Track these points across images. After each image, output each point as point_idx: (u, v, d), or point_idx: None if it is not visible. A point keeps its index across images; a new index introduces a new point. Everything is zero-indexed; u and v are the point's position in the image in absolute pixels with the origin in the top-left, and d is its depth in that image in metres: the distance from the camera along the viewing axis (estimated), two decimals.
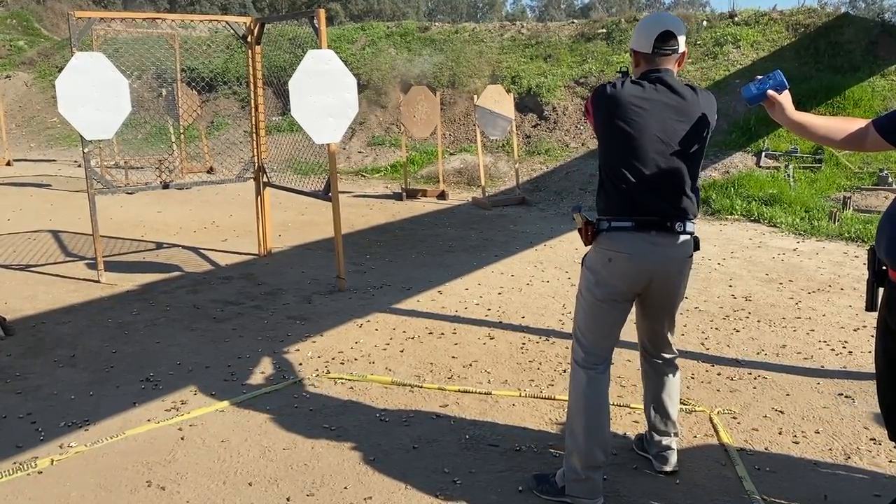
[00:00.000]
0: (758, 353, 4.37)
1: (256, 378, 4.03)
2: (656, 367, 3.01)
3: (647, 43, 2.66)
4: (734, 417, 3.52)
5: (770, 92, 2.55)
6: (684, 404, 3.63)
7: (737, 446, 3.23)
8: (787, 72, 10.33)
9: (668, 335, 2.95)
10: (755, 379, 3.98)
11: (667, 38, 2.64)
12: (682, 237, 2.70)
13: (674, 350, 3.00)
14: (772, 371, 4.09)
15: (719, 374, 4.05)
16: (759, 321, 4.95)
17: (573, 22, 15.09)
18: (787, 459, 3.13)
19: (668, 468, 2.98)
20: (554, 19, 23.61)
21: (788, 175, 9.13)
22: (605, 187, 2.71)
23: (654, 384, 3.01)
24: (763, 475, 2.99)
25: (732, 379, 3.99)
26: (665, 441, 3.00)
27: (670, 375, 3.00)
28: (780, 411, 3.58)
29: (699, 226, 8.05)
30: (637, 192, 2.61)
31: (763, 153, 9.66)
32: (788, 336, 4.67)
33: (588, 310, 2.77)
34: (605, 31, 13.43)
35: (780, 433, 3.36)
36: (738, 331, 4.77)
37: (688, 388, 3.86)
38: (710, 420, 3.48)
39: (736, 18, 12.50)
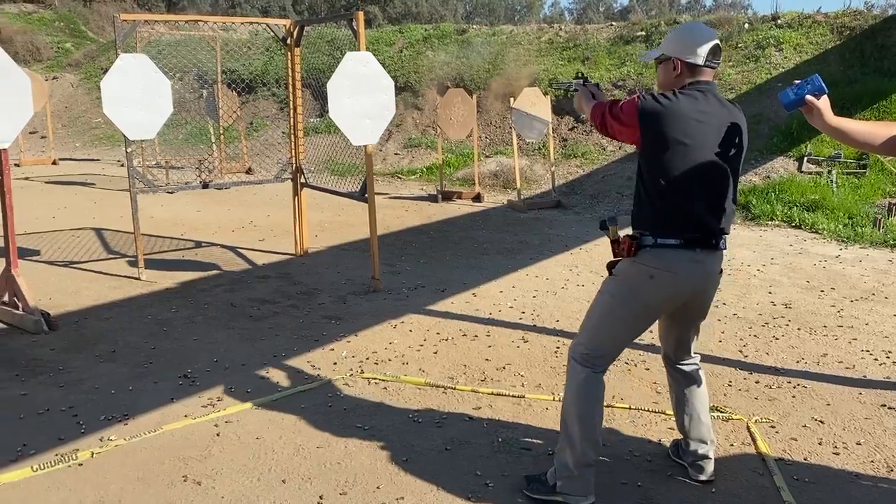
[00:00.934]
0: (798, 362, 4.28)
1: (291, 376, 4.07)
2: (684, 374, 2.98)
3: (699, 54, 2.61)
4: (772, 426, 3.45)
5: (809, 97, 2.49)
6: (721, 412, 3.58)
7: (775, 456, 3.17)
8: (832, 75, 10.12)
9: (694, 343, 2.95)
10: (795, 388, 3.90)
11: (717, 51, 2.64)
12: (721, 252, 2.71)
13: (697, 355, 3.00)
14: (812, 380, 4.00)
15: (757, 383, 3.98)
16: (799, 329, 4.86)
17: (612, 24, 14.98)
18: (827, 471, 3.07)
19: (703, 477, 2.94)
20: (592, 22, 23.45)
21: (831, 180, 8.94)
22: (650, 201, 2.62)
23: (684, 392, 2.97)
24: (802, 486, 2.93)
25: (771, 387, 3.91)
26: (701, 450, 2.96)
27: (698, 381, 2.98)
28: (821, 421, 3.51)
29: (738, 231, 7.97)
30: (691, 208, 2.58)
31: (805, 158, 9.48)
32: (830, 345, 4.57)
33: (614, 319, 2.71)
34: (643, 33, 13.31)
35: (819, 444, 3.29)
36: (777, 338, 4.68)
37: (725, 395, 3.80)
38: (748, 428, 3.42)
39: (779, 21, 12.29)
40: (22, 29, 22.03)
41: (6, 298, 5.00)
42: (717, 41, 2.65)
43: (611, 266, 2.76)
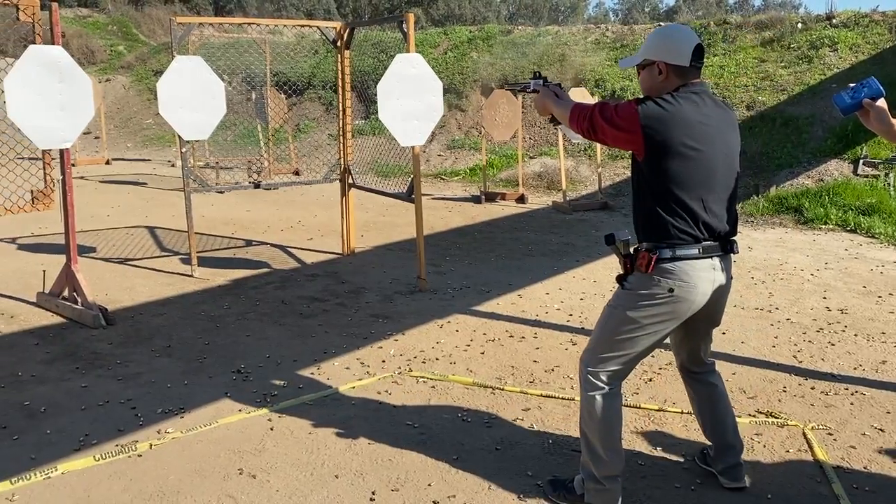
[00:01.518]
0: (855, 368, 4.18)
1: (341, 373, 4.12)
2: (702, 380, 2.92)
3: (685, 55, 2.55)
4: (830, 434, 3.38)
5: (866, 101, 2.42)
6: (775, 417, 3.52)
7: (833, 463, 3.10)
8: (889, 76, 9.86)
9: (707, 350, 2.90)
10: (852, 395, 3.81)
11: (701, 52, 2.59)
12: (733, 257, 2.67)
13: (712, 361, 2.95)
14: (871, 387, 3.90)
15: (813, 389, 3.90)
16: (856, 335, 4.74)
17: (658, 24, 14.80)
18: (888, 480, 2.99)
19: (737, 484, 2.88)
20: (638, 22, 23.20)
21: (888, 184, 8.70)
22: (661, 211, 2.52)
23: (705, 398, 2.92)
24: (862, 495, 2.87)
25: (827, 394, 3.83)
26: (730, 456, 2.90)
27: (718, 384, 2.92)
28: (881, 429, 3.42)
29: (791, 235, 7.82)
30: (706, 214, 2.52)
31: (861, 161, 9.24)
32: (889, 352, 4.45)
33: (630, 337, 2.61)
34: None
35: (880, 452, 3.21)
36: (833, 344, 4.58)
37: (779, 401, 3.73)
38: (804, 435, 3.35)
39: (834, 20, 12.01)
40: (77, 32, 22.66)
41: (66, 294, 5.15)
42: (700, 42, 2.59)
43: (622, 278, 2.66)
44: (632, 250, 2.62)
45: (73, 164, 12.91)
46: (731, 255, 2.64)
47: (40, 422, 3.50)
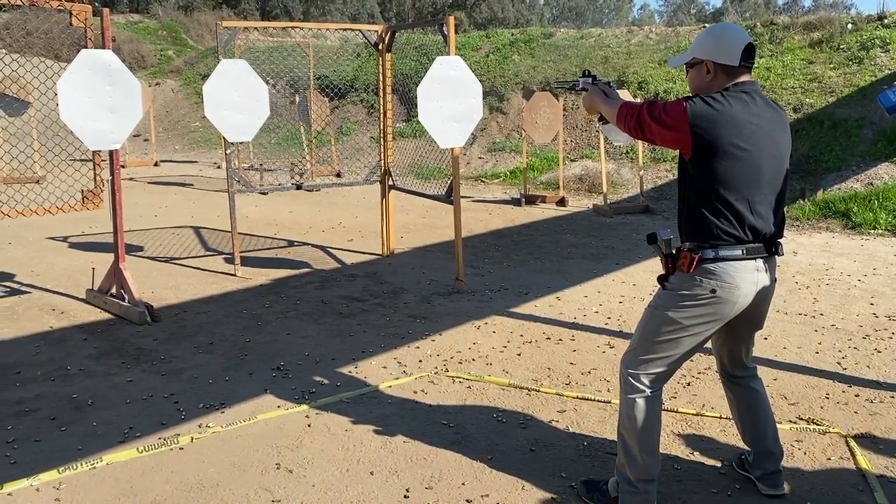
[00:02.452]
0: None
1: (379, 372, 4.16)
2: (743, 385, 2.87)
3: (734, 55, 2.51)
4: (874, 442, 3.30)
5: None
6: (818, 424, 3.45)
7: (876, 472, 3.03)
8: None
9: (750, 354, 2.85)
10: None
11: (751, 51, 2.53)
12: (778, 259, 2.62)
13: (754, 365, 2.90)
14: None
15: (857, 396, 3.81)
16: None
17: (704, 26, 14.60)
18: None
19: (775, 491, 2.83)
20: (683, 24, 22.91)
21: None
22: (707, 211, 2.49)
23: (745, 403, 2.87)
24: None
25: (872, 401, 3.74)
26: (769, 463, 2.85)
27: (759, 389, 2.87)
28: None
29: (838, 239, 7.64)
30: (752, 215, 2.48)
31: None
32: None
33: (672, 338, 2.58)
34: None
35: None
36: (879, 351, 4.47)
37: (822, 408, 3.66)
38: (847, 443, 3.28)
39: (885, 20, 11.70)
40: (128, 38, 23.29)
41: (114, 290, 5.30)
42: (751, 41, 2.54)
43: (663, 278, 2.63)
44: (674, 250, 2.58)
45: (122, 166, 13.30)
46: (776, 256, 2.60)
47: (87, 414, 3.62)
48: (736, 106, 2.46)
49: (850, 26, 11.91)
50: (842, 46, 11.54)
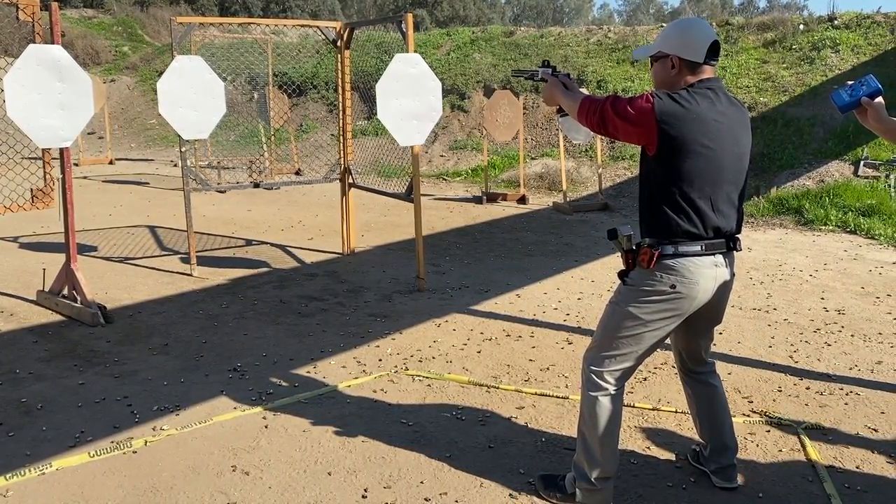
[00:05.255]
0: (850, 369, 4.18)
1: (338, 371, 4.13)
2: (702, 380, 2.91)
3: (699, 51, 2.52)
4: (824, 433, 3.38)
5: (865, 99, 2.42)
6: (770, 417, 3.52)
7: (825, 463, 3.10)
8: (890, 76, 9.82)
9: (708, 349, 2.89)
10: (847, 395, 3.81)
11: (717, 48, 2.55)
12: (736, 254, 2.66)
13: (712, 361, 2.94)
14: (866, 388, 3.90)
15: (808, 389, 3.90)
16: (852, 335, 4.74)
17: (662, 26, 14.79)
18: (881, 480, 2.99)
19: (730, 485, 2.88)
20: (642, 23, 23.19)
21: (889, 185, 8.68)
22: (667, 207, 2.50)
23: (704, 399, 2.92)
24: (854, 494, 2.87)
25: (822, 394, 3.83)
26: (724, 457, 2.90)
27: (717, 385, 2.92)
28: (874, 429, 3.42)
29: (791, 235, 7.81)
30: (713, 212, 2.50)
31: (862, 162, 9.22)
32: (885, 352, 4.45)
33: (632, 334, 2.60)
34: None
35: (873, 452, 3.21)
36: (829, 345, 4.58)
37: (774, 401, 3.74)
38: (798, 435, 3.36)
39: (836, 21, 11.99)
40: (82, 33, 22.75)
41: (66, 291, 5.18)
42: (717, 38, 2.55)
43: (623, 274, 2.63)
44: (634, 246, 2.60)
45: (76, 164, 13.02)
46: (735, 252, 2.64)
47: (36, 419, 3.52)
48: (702, 104, 2.47)
49: (801, 27, 12.18)
50: (794, 47, 11.80)
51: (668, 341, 2.83)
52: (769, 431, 3.39)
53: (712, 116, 2.47)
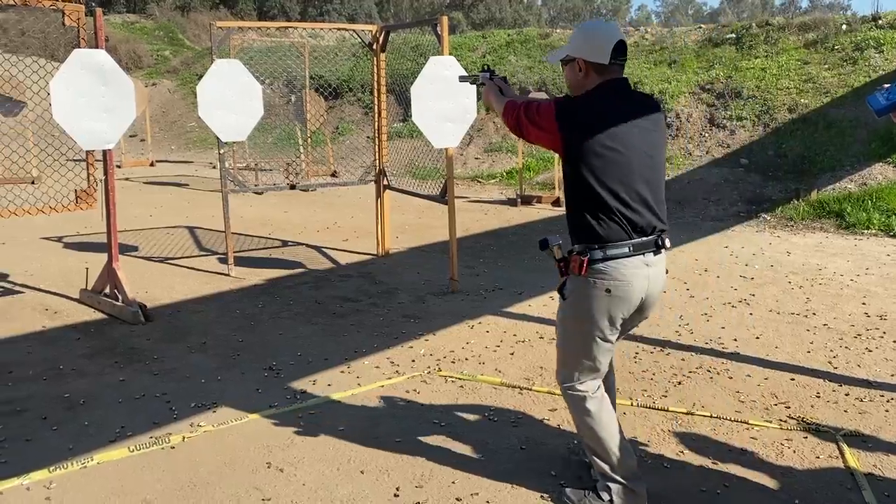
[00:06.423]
0: (892, 375, 4.08)
1: (371, 372, 4.17)
2: (607, 385, 2.86)
3: (604, 53, 2.51)
4: (863, 440, 3.32)
5: None
6: (807, 423, 3.46)
7: (864, 471, 3.04)
8: None
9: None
10: (888, 402, 3.73)
11: (622, 48, 2.55)
12: (665, 252, 2.63)
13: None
14: None
15: (847, 395, 3.82)
16: (894, 341, 4.63)
17: (700, 27, 14.63)
18: None
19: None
20: (680, 24, 22.96)
21: None
22: (588, 211, 2.50)
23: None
24: (893, 503, 2.81)
25: (862, 400, 3.75)
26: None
27: (612, 389, 2.91)
28: None
29: (831, 239, 7.66)
30: (630, 212, 2.49)
31: None
32: None
33: (583, 343, 2.61)
34: (734, 35, 12.94)
35: None
36: (870, 350, 4.48)
37: (812, 407, 3.67)
38: (836, 442, 3.30)
39: (880, 21, 11.73)
40: (125, 38, 23.28)
41: (107, 290, 5.30)
42: (622, 38, 2.54)
43: (561, 288, 2.61)
44: (566, 254, 2.60)
45: (118, 166, 13.30)
46: (664, 249, 2.60)
47: (79, 413, 3.62)
48: (604, 104, 2.48)
49: (844, 27, 11.94)
50: (836, 47, 11.57)
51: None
52: (806, 438, 3.33)
53: (614, 116, 2.47)
